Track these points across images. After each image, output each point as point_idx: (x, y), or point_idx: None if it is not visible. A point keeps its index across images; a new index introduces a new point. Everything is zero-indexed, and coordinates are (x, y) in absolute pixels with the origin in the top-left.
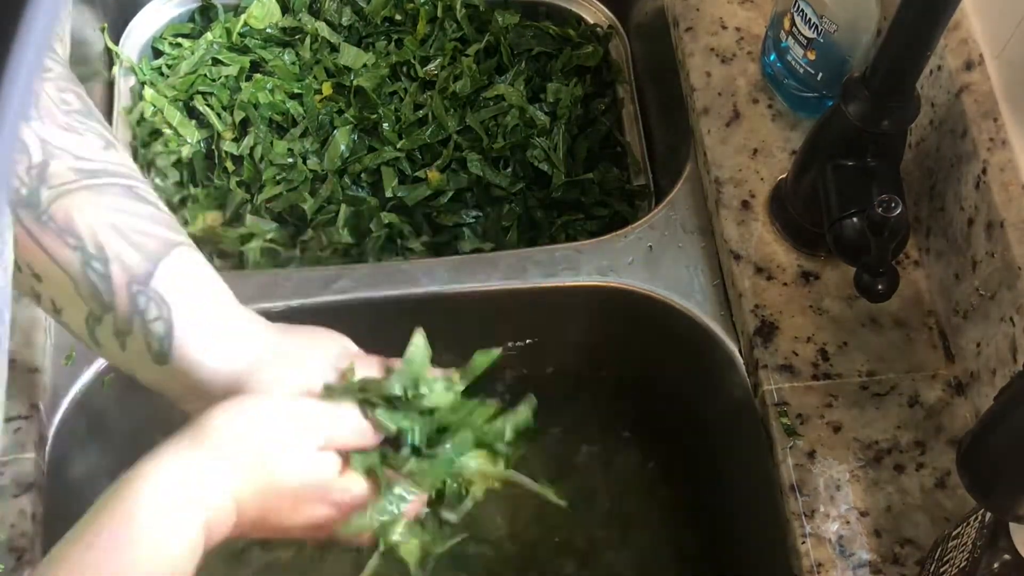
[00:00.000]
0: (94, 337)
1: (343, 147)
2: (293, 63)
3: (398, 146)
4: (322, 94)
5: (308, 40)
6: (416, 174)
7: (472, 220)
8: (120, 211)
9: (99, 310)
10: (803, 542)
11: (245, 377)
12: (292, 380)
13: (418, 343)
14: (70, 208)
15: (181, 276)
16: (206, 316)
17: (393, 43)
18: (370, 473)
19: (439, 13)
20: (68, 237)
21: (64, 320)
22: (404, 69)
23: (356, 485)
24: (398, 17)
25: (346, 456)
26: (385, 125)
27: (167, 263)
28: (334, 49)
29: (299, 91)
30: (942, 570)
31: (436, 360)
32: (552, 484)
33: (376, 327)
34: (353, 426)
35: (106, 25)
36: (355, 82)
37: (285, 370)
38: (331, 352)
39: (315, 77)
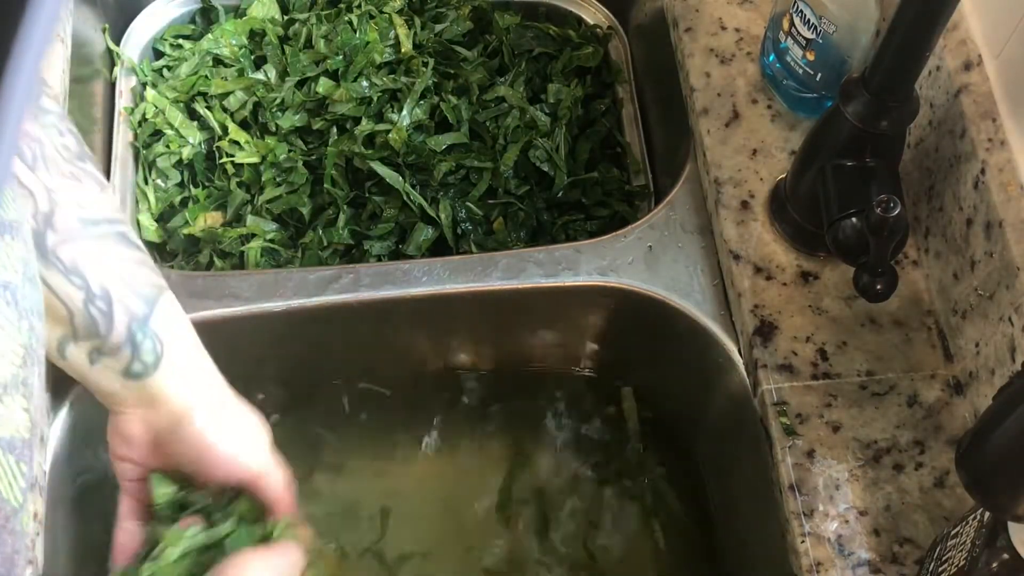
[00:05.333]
0: (61, 351)
1: (344, 147)
2: (294, 64)
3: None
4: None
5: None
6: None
7: (482, 227)
8: (119, 258)
9: (85, 336)
10: (802, 541)
11: (191, 413)
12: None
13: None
14: (76, 254)
15: (171, 319)
16: (189, 356)
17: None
18: None
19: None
20: (74, 277)
21: None
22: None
23: None
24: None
25: None
26: (392, 134)
27: (160, 306)
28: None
29: (302, 97)
30: (941, 569)
31: (440, 359)
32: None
33: (376, 327)
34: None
35: (107, 26)
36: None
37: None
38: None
39: (316, 78)
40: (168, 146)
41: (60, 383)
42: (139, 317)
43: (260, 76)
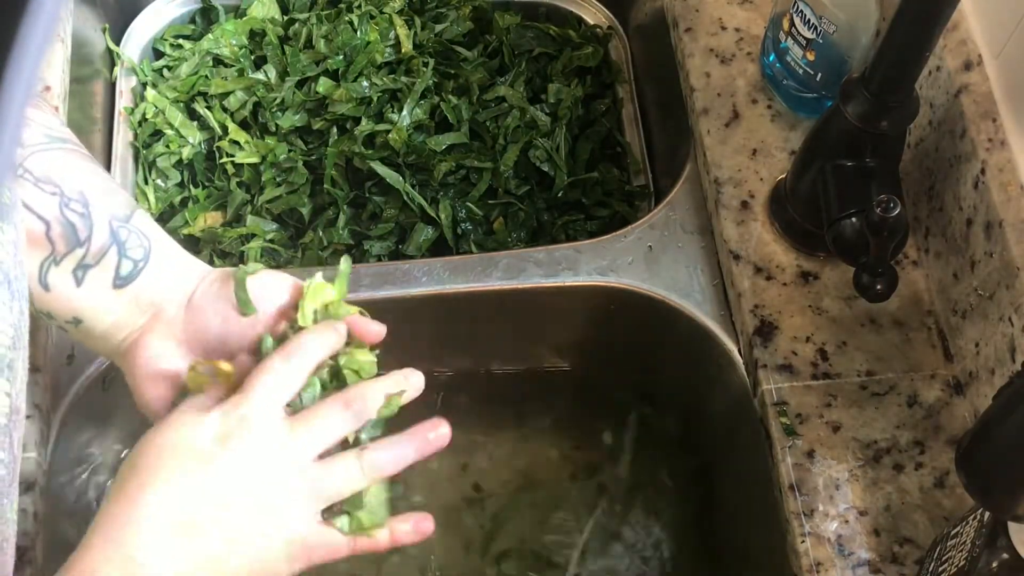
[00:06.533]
0: (44, 281)
1: (344, 147)
2: (294, 64)
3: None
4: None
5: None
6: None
7: (482, 227)
8: (91, 171)
9: (67, 248)
10: (802, 541)
11: (205, 277)
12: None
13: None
14: (45, 164)
15: (152, 224)
16: (179, 250)
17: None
18: None
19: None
20: (46, 185)
21: None
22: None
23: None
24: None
25: None
26: (392, 134)
27: (140, 212)
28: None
29: (302, 97)
30: (941, 569)
31: (440, 359)
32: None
33: None
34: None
35: (107, 26)
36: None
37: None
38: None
39: (316, 78)
40: (168, 146)
41: (59, 385)
42: (120, 216)
43: (260, 76)
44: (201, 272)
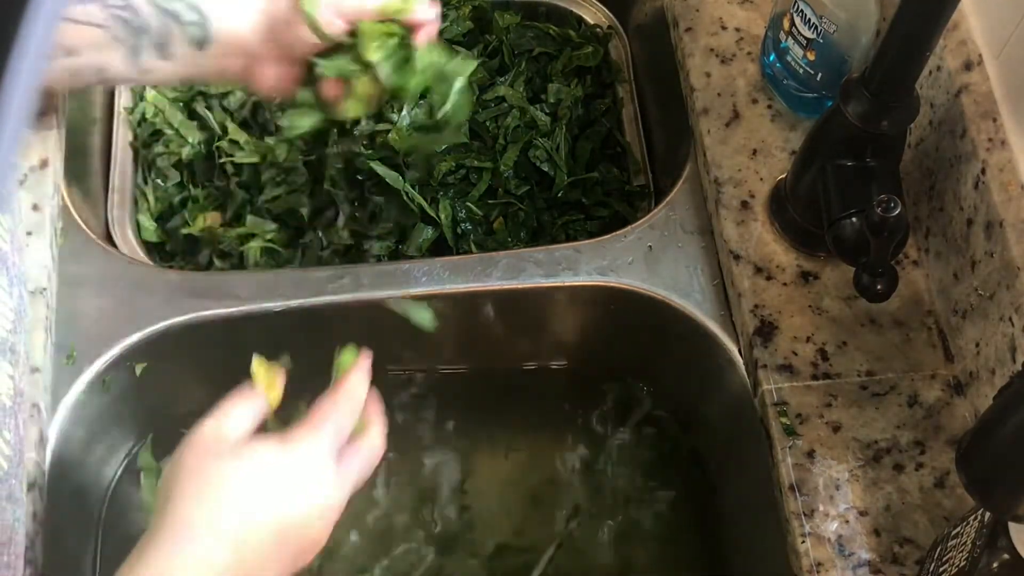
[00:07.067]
0: (142, 67)
1: (344, 147)
2: None
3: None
4: None
5: None
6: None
7: (482, 227)
8: None
9: (135, 38)
10: (803, 541)
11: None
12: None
13: None
14: None
15: None
16: None
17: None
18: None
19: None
20: (87, 4)
21: (111, 76)
22: None
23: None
24: None
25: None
26: (392, 134)
27: None
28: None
29: None
30: (941, 570)
31: (440, 359)
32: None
33: (376, 327)
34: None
35: None
36: None
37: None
38: None
39: None
40: (168, 146)
41: (59, 385)
42: None
43: None
44: (260, 4)
